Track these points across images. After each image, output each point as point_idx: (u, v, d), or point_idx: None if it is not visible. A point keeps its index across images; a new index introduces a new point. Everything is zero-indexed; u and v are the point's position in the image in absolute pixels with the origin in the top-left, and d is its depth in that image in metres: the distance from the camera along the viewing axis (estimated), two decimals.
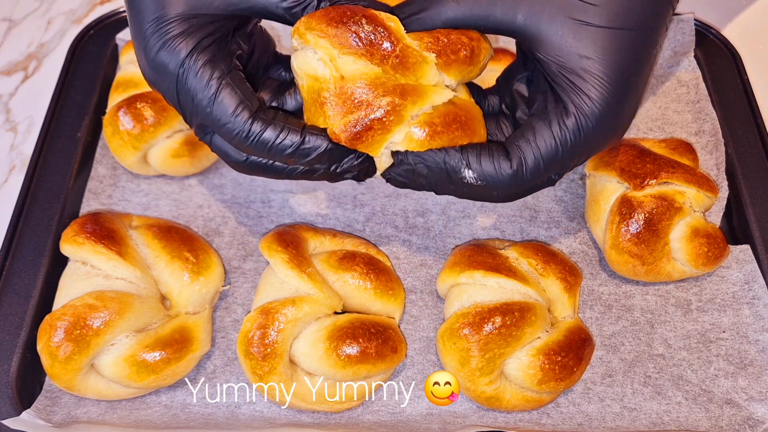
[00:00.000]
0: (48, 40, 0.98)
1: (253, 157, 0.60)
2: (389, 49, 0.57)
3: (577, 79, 0.56)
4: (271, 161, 0.60)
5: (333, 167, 0.60)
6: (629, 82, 0.56)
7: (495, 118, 0.66)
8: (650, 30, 0.57)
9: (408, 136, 0.58)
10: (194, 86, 0.57)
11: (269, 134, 0.57)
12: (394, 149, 0.59)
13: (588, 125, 0.56)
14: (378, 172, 0.62)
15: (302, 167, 0.60)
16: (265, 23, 0.68)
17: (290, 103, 0.66)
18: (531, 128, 0.59)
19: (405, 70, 0.57)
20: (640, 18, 0.56)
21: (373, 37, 0.56)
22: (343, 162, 0.59)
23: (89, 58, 0.89)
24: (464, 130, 0.60)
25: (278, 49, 0.71)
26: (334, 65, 0.57)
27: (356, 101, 0.57)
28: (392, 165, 0.60)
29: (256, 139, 0.57)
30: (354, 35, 0.56)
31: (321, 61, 0.58)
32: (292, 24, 0.59)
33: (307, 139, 0.58)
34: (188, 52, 0.56)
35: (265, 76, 0.69)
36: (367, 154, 0.59)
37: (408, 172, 0.60)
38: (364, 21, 0.56)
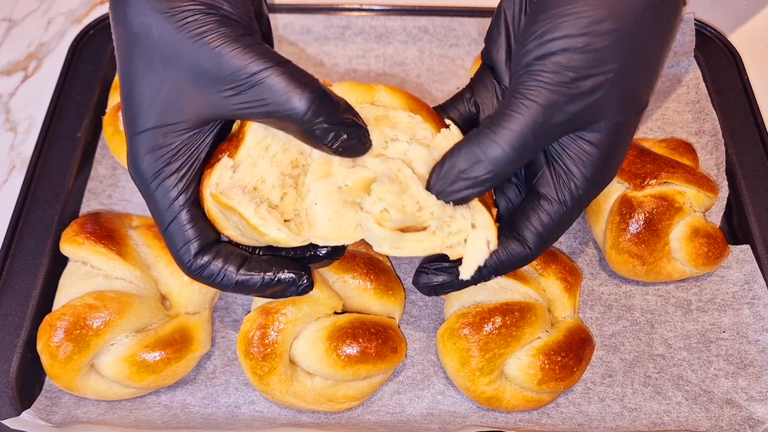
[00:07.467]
0: (48, 40, 0.98)
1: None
2: None
3: (576, 150, 0.57)
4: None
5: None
6: (623, 139, 0.58)
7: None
8: (639, 110, 0.58)
9: None
10: (155, 207, 0.57)
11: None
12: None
13: (588, 187, 0.57)
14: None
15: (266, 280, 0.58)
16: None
17: None
18: (540, 209, 0.58)
19: None
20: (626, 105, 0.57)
21: None
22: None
23: (89, 58, 0.89)
24: None
25: None
26: None
27: None
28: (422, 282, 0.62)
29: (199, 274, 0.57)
30: None
31: None
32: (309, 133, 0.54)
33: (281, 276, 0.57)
34: (154, 173, 0.55)
35: None
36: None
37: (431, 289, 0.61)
38: None
